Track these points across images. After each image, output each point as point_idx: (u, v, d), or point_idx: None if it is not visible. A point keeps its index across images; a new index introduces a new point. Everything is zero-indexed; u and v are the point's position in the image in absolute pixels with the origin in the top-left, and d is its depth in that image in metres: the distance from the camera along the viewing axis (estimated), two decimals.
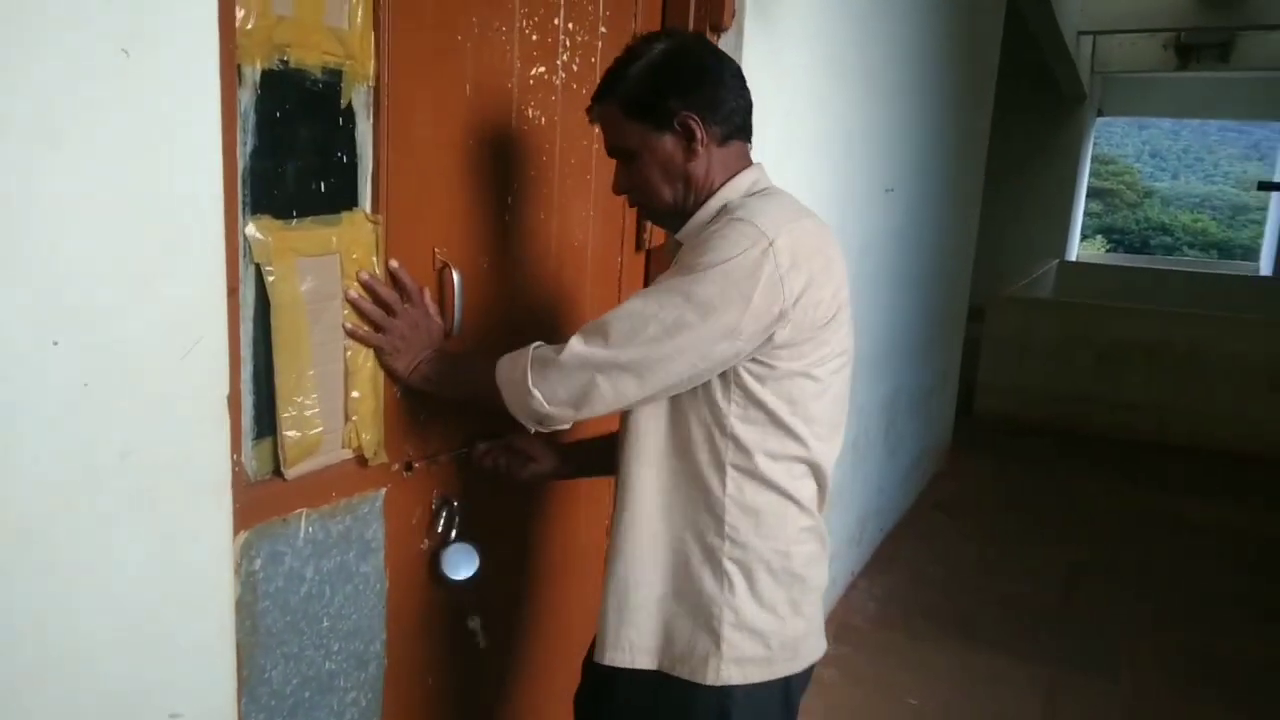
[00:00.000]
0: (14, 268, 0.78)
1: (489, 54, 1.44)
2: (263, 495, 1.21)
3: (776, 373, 1.22)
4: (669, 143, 1.26)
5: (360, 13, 1.21)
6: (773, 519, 1.27)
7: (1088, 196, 14.55)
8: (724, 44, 2.01)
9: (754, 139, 2.11)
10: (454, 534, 1.49)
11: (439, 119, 1.37)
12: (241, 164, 1.11)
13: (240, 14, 1.07)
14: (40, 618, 0.85)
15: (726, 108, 1.27)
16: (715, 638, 1.26)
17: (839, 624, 3.31)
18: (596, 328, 1.20)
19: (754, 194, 1.28)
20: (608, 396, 1.20)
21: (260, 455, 1.22)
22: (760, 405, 1.23)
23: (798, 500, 1.28)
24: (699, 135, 1.25)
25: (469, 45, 1.40)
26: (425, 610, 1.52)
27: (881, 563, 3.86)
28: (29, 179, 0.78)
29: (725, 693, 1.27)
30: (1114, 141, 27.57)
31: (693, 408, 1.25)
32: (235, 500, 1.03)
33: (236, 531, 1.12)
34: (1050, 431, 6.13)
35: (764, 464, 1.25)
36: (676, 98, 1.24)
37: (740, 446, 1.24)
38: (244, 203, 1.12)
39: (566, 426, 1.26)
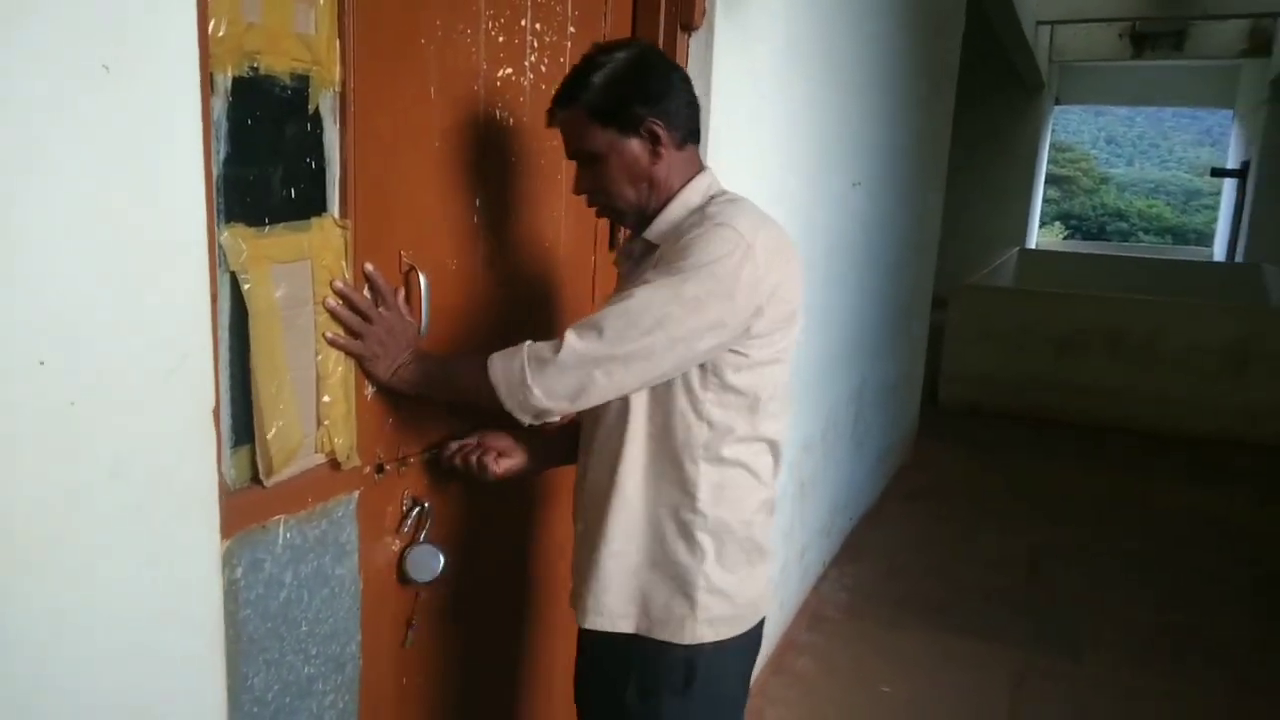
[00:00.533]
0: (0, 289, 0.78)
1: (453, 57, 1.44)
2: (242, 503, 1.20)
3: (749, 361, 1.34)
4: (635, 146, 1.35)
5: (326, 18, 1.21)
6: (738, 492, 1.40)
7: (1045, 183, 14.78)
8: (694, 43, 2.02)
9: (729, 137, 2.14)
10: (424, 535, 1.50)
11: (404, 123, 1.37)
12: (215, 172, 1.10)
13: (212, 23, 1.06)
14: (33, 639, 0.85)
15: (684, 114, 1.37)
16: (690, 601, 1.39)
17: (812, 614, 3.35)
18: (592, 324, 1.27)
19: (716, 197, 1.39)
20: (604, 389, 1.29)
21: (239, 463, 1.22)
22: (734, 390, 1.35)
23: (759, 475, 1.42)
24: (663, 139, 1.34)
25: (432, 49, 1.40)
26: (398, 611, 1.53)
27: (852, 552, 3.92)
28: (11, 199, 0.77)
29: (696, 649, 1.40)
30: (1070, 129, 28.00)
31: (672, 395, 1.35)
32: (219, 503, 1.03)
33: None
34: (1014, 418, 6.24)
35: (732, 444, 1.37)
36: (642, 104, 1.33)
37: (714, 429, 1.36)
38: (218, 211, 1.12)
39: (556, 419, 1.34)
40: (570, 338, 1.27)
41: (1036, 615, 3.46)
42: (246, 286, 1.15)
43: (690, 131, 1.39)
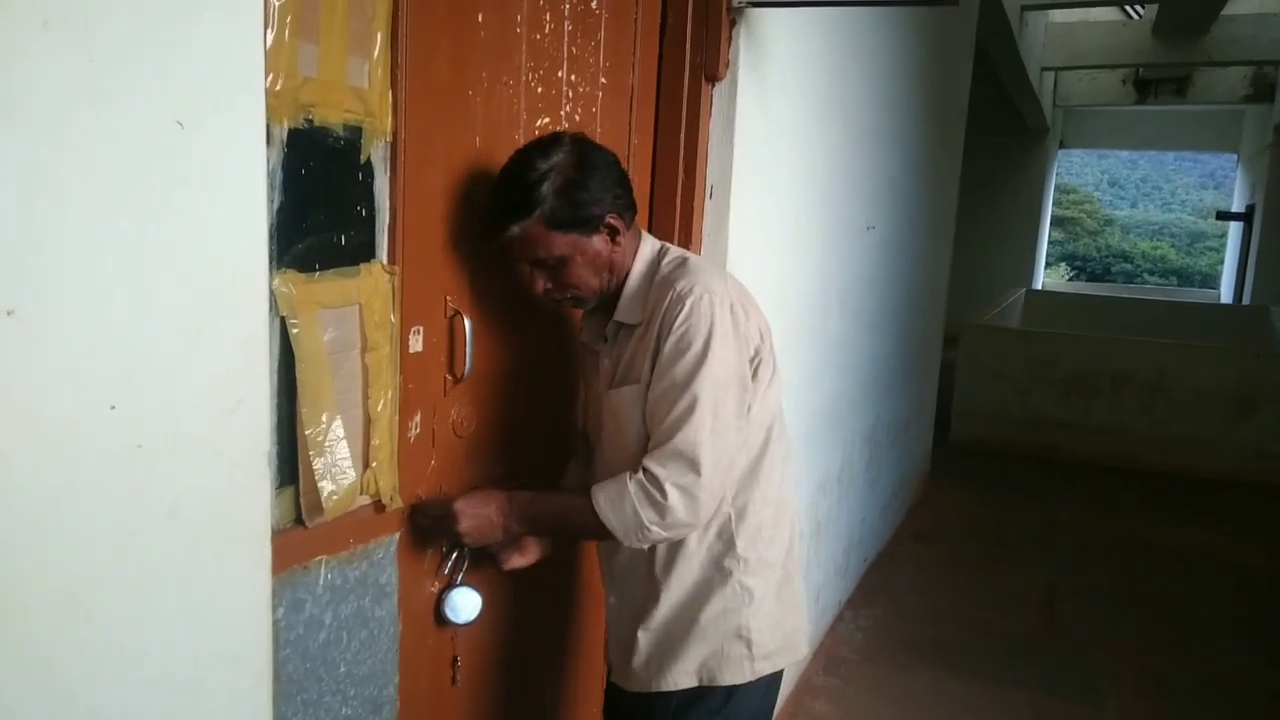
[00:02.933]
0: (77, 337, 0.81)
1: (497, 107, 1.49)
2: (284, 544, 1.22)
3: (760, 403, 1.43)
4: (598, 242, 1.40)
5: (379, 71, 1.25)
6: (771, 530, 1.47)
7: (1050, 225, 14.86)
8: (718, 94, 2.07)
9: (750, 186, 2.19)
10: (460, 577, 1.51)
11: (451, 171, 1.41)
12: (269, 220, 1.14)
13: (269, 77, 1.10)
14: (88, 679, 0.86)
15: (625, 196, 1.42)
16: (746, 643, 1.45)
17: (828, 655, 3.34)
18: (674, 456, 1.32)
19: (665, 258, 1.46)
20: (712, 503, 1.36)
21: (282, 504, 1.24)
22: (753, 432, 1.43)
23: (788, 509, 1.51)
24: (621, 228, 1.41)
25: (479, 99, 1.44)
26: (435, 652, 1.54)
27: (866, 593, 3.91)
28: (94, 249, 0.81)
29: (755, 684, 1.47)
30: (1074, 171, 28.18)
31: None
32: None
33: None
34: (1024, 457, 6.24)
35: (763, 485, 1.45)
36: (597, 204, 1.37)
37: (740, 480, 1.44)
38: (271, 257, 1.15)
39: None
40: (665, 476, 1.31)
41: (1051, 658, 3.44)
42: (295, 331, 1.18)
43: (632, 205, 1.44)
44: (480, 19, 1.42)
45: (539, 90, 1.57)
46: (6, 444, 0.77)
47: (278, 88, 1.12)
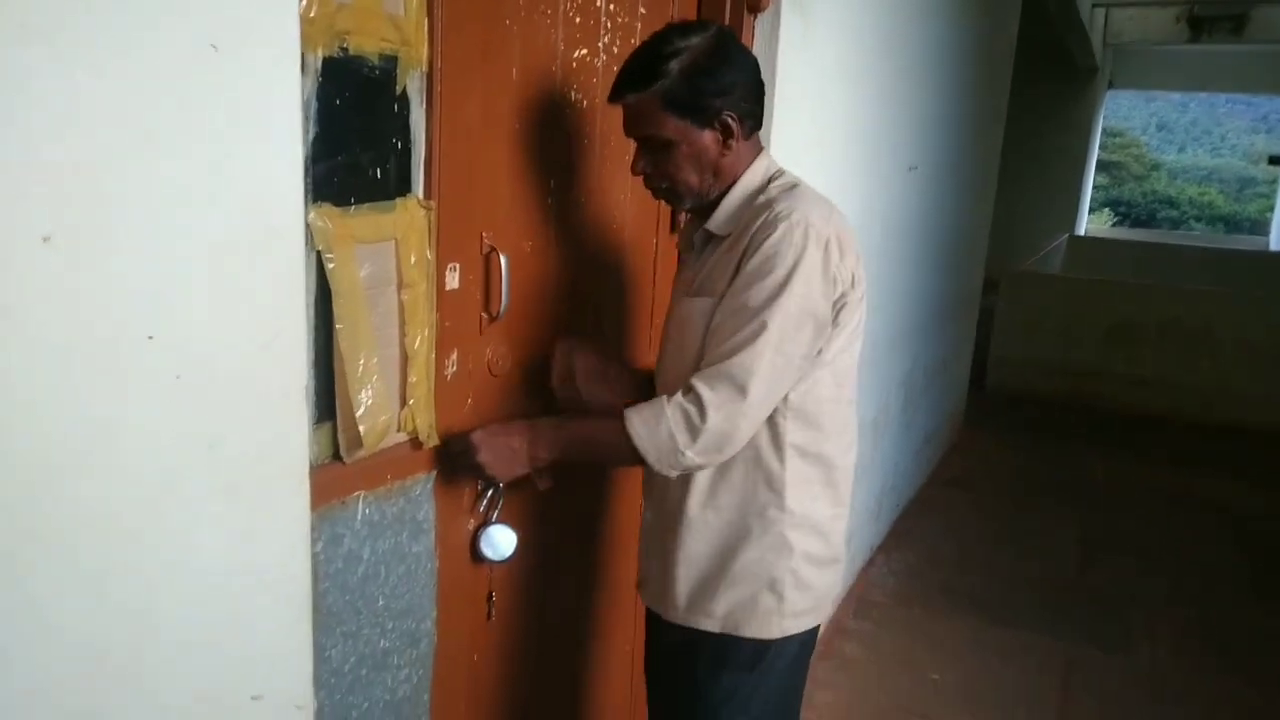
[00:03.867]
0: (113, 263, 0.80)
1: (535, 38, 1.45)
2: (323, 480, 1.22)
3: (832, 351, 1.34)
4: (708, 137, 1.33)
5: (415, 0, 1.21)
6: (821, 487, 1.40)
7: (1095, 169, 14.50)
8: (760, 26, 2.00)
9: (792, 121, 2.13)
10: (496, 515, 1.52)
11: (487, 104, 1.38)
12: (304, 152, 1.12)
13: (304, 2, 1.07)
14: (134, 612, 0.87)
15: (752, 103, 1.36)
16: (779, 598, 1.39)
17: (859, 599, 3.35)
18: (725, 377, 1.26)
19: (775, 179, 1.39)
20: (750, 432, 1.30)
21: (320, 440, 1.24)
22: (819, 382, 1.35)
23: (842, 468, 1.42)
24: (736, 132, 1.33)
25: (516, 29, 1.40)
26: (471, 588, 1.55)
27: (898, 538, 3.90)
28: (123, 175, 0.79)
29: (783, 642, 1.42)
30: (1121, 114, 27.39)
31: None
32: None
33: None
34: (1062, 407, 6.16)
35: (819, 439, 1.37)
36: (719, 96, 1.30)
37: (802, 424, 1.36)
38: (306, 190, 1.13)
39: None
40: (710, 399, 1.26)
41: (1084, 608, 3.43)
42: (331, 266, 1.16)
43: (758, 119, 1.38)
44: None
45: (576, 20, 1.53)
46: (47, 371, 0.77)
47: (312, 14, 1.09)
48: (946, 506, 4.37)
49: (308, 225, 1.14)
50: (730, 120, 1.32)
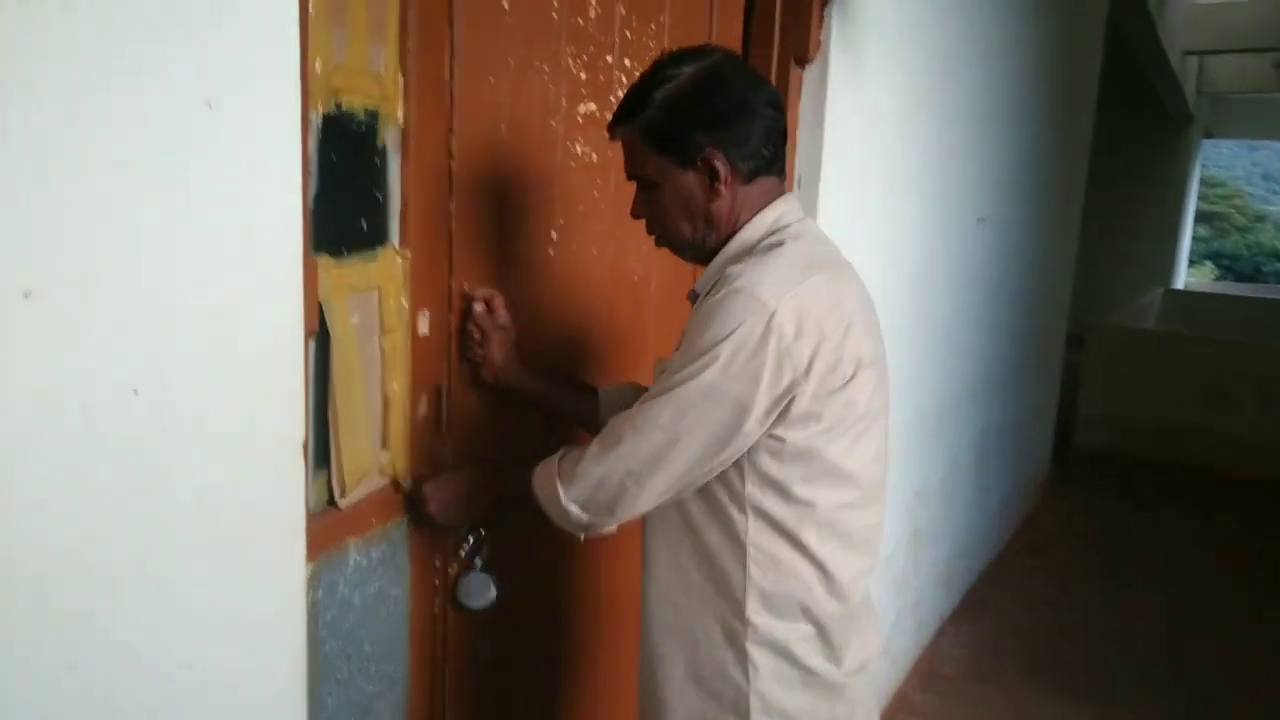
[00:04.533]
0: (97, 319, 0.79)
1: (528, 93, 1.44)
2: (321, 526, 1.22)
3: (794, 446, 1.15)
4: (691, 179, 1.18)
5: (390, 57, 1.24)
6: (800, 598, 1.20)
7: (1195, 221, 13.99)
8: (808, 77, 1.97)
9: (842, 172, 2.08)
10: (479, 561, 1.48)
11: (470, 157, 1.38)
12: (309, 205, 1.13)
13: (311, 61, 1.09)
14: (116, 671, 0.85)
15: (755, 142, 1.17)
16: None
17: (926, 671, 3.18)
18: (612, 430, 1.17)
19: (771, 238, 1.19)
20: (639, 496, 1.16)
21: (319, 487, 1.24)
22: (779, 480, 1.16)
23: (830, 574, 1.21)
24: (723, 175, 1.17)
25: (504, 85, 1.40)
26: (449, 634, 1.52)
27: (971, 608, 3.71)
28: (113, 231, 0.79)
29: None
30: (1222, 163, 26.46)
31: (708, 483, 1.19)
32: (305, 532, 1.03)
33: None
34: (1155, 468, 5.84)
35: (789, 539, 1.18)
36: (703, 132, 1.15)
37: (764, 523, 1.18)
38: (308, 242, 1.14)
39: (612, 530, 1.23)
40: (593, 446, 1.17)
41: (1178, 687, 3.19)
42: (330, 315, 1.18)
43: (767, 161, 1.19)
44: (505, 6, 1.38)
45: (582, 76, 1.52)
46: (24, 429, 0.76)
47: (317, 73, 1.11)
48: (1025, 574, 4.15)
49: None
50: (716, 162, 1.15)
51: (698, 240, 1.23)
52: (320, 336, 1.17)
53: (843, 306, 1.15)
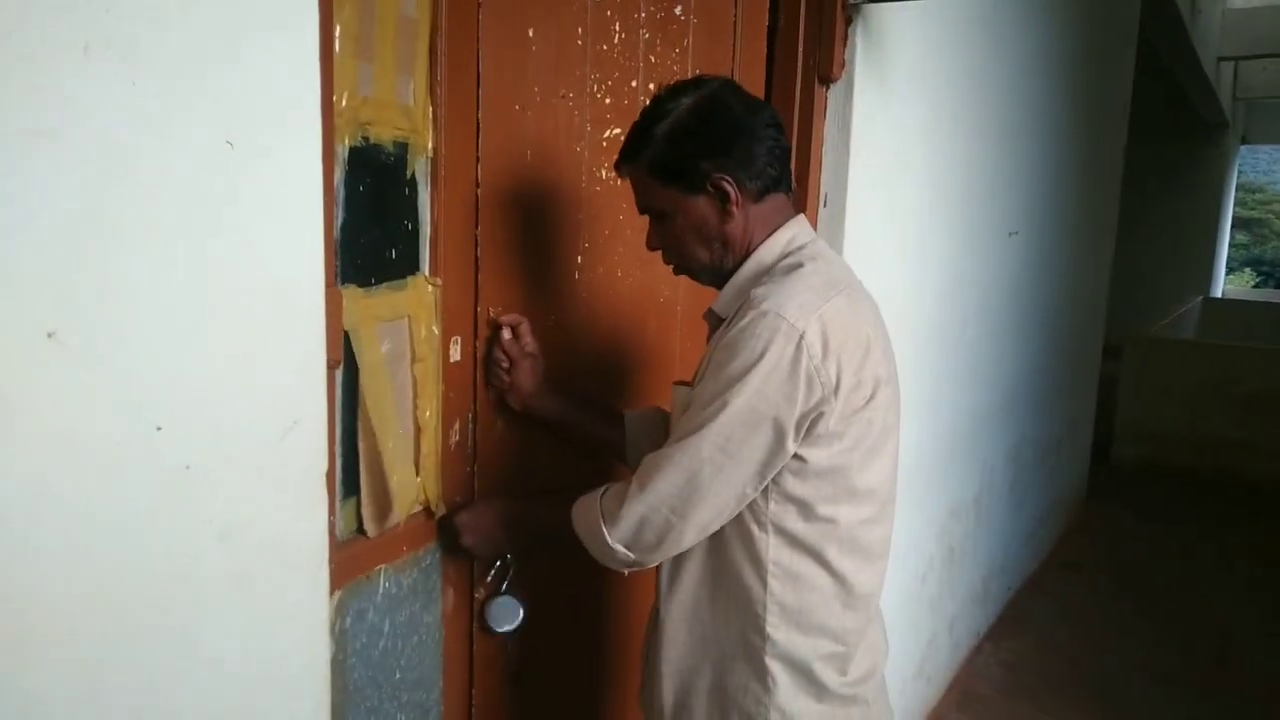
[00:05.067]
0: (120, 357, 0.80)
1: (553, 120, 1.46)
2: (350, 554, 1.23)
3: (818, 465, 1.17)
4: (702, 205, 1.21)
5: (420, 88, 1.26)
6: (819, 613, 1.22)
7: (1233, 227, 13.75)
8: (833, 96, 1.97)
9: (870, 189, 2.07)
10: (505, 585, 1.49)
11: (497, 184, 1.39)
12: (335, 238, 1.14)
13: (336, 95, 1.11)
14: (138, 703, 0.86)
15: (760, 163, 1.20)
16: None
17: (962, 690, 3.14)
18: (654, 466, 1.17)
19: (788, 259, 1.22)
20: (685, 531, 1.17)
21: (346, 515, 1.26)
22: (802, 499, 1.18)
23: (851, 588, 1.23)
24: (733, 196, 1.20)
25: (529, 113, 1.42)
26: (479, 659, 1.53)
27: (1008, 624, 3.66)
28: (133, 272, 0.81)
29: None
30: (1261, 169, 25.99)
31: None
32: (330, 562, 1.04)
33: (331, 592, 1.12)
34: (1195, 481, 5.73)
35: (810, 556, 1.20)
36: (707, 159, 1.19)
37: (785, 541, 1.20)
38: (335, 274, 1.15)
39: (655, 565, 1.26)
40: (634, 486, 1.17)
41: (1223, 707, 3.11)
42: (357, 345, 1.19)
43: (774, 180, 1.23)
44: (531, 34, 1.39)
45: (606, 101, 1.54)
46: (48, 467, 0.77)
47: (342, 106, 1.13)
48: (1064, 591, 4.08)
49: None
50: (725, 184, 1.18)
51: (715, 263, 1.25)
52: (348, 365, 1.18)
53: (863, 327, 1.18)
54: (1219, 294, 12.02)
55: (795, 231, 1.25)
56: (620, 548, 1.18)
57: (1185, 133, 10.10)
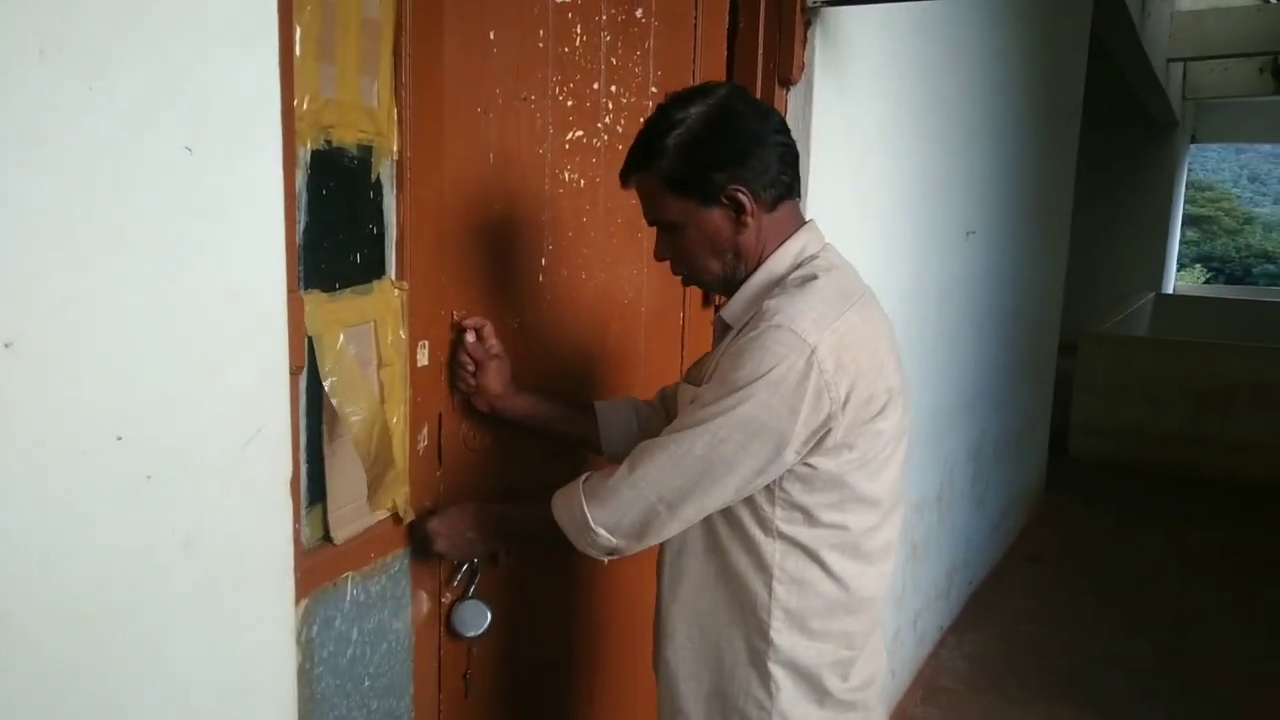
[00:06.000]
0: (79, 366, 0.79)
1: (515, 122, 1.46)
2: (316, 562, 1.22)
3: (826, 474, 1.17)
4: (716, 216, 1.19)
5: (384, 92, 1.25)
6: (824, 618, 1.23)
7: (1184, 224, 14.06)
8: (793, 98, 1.98)
9: (830, 191, 2.09)
10: (472, 590, 1.49)
11: (460, 187, 1.39)
12: (298, 242, 1.13)
13: (298, 98, 1.09)
14: (103, 715, 0.85)
15: (773, 171, 1.19)
16: None
17: (927, 684, 3.17)
18: (646, 453, 1.17)
19: (800, 269, 1.21)
20: (668, 522, 1.17)
21: (312, 523, 1.24)
22: (808, 506, 1.19)
23: (853, 593, 1.24)
24: (748, 207, 1.18)
25: (491, 115, 1.42)
26: (446, 664, 1.52)
27: (971, 618, 3.71)
28: (92, 280, 0.79)
29: None
30: (1209, 167, 26.62)
31: (732, 506, 1.21)
32: (297, 570, 1.03)
33: (297, 600, 1.12)
34: (1151, 475, 5.85)
35: (816, 563, 1.21)
36: (721, 170, 1.17)
37: (790, 547, 1.20)
38: (299, 279, 1.14)
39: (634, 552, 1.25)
40: (624, 469, 1.17)
41: (1180, 694, 3.18)
42: (321, 350, 1.18)
43: (786, 187, 1.22)
44: (493, 37, 1.39)
45: (569, 104, 1.54)
46: (6, 479, 0.76)
47: (304, 108, 1.11)
48: (1025, 584, 4.15)
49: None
50: (740, 195, 1.17)
51: (728, 274, 1.24)
52: (311, 371, 1.17)
53: (876, 341, 1.19)
54: (1171, 290, 12.27)
55: (807, 240, 1.24)
56: (603, 531, 1.17)
57: (1137, 133, 10.32)
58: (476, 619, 1.48)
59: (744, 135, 1.18)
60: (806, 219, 1.28)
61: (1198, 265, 24.08)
